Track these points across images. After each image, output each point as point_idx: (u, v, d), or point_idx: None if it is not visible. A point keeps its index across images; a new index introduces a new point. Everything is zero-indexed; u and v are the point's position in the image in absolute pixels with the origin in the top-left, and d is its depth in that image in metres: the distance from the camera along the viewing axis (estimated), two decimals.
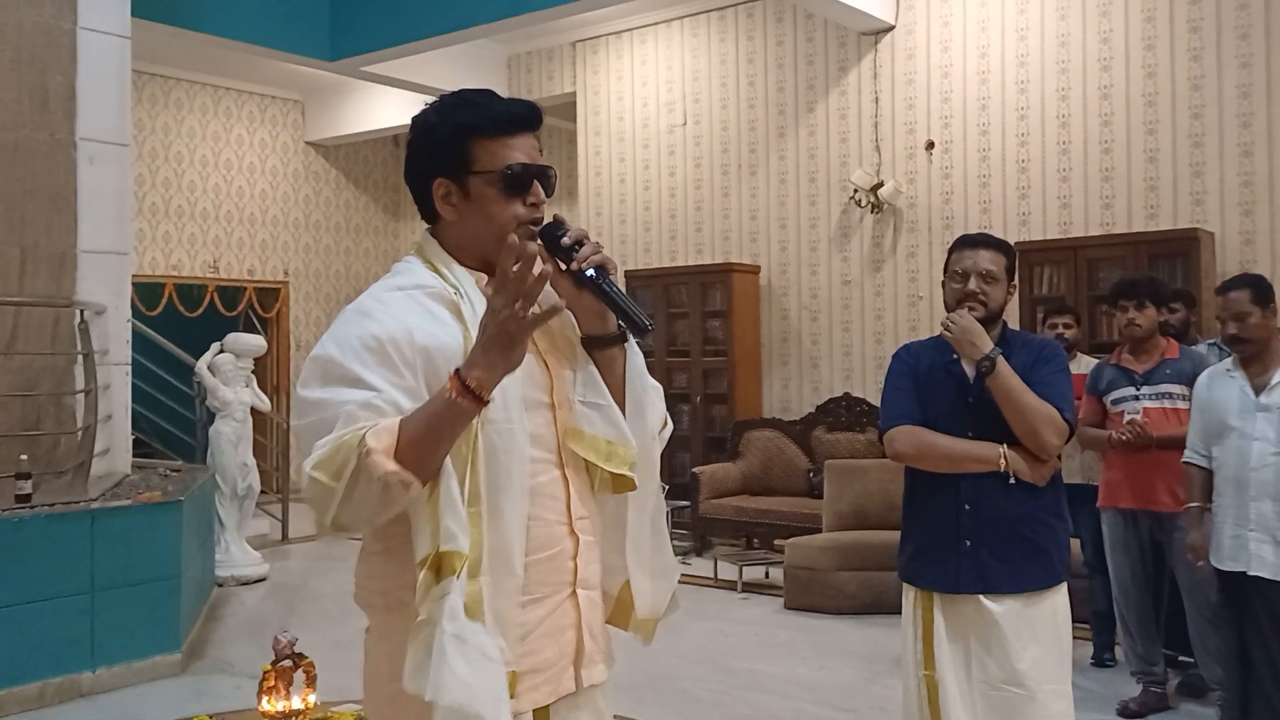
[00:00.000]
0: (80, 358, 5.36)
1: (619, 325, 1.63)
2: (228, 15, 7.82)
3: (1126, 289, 4.44)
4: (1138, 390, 4.31)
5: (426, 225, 1.67)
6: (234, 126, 10.62)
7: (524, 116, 1.60)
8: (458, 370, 1.39)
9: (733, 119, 8.52)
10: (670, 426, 1.79)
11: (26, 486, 4.66)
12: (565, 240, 1.57)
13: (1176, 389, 4.25)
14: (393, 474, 1.37)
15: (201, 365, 7.09)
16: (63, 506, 4.68)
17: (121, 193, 5.86)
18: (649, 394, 1.69)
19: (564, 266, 1.57)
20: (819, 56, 8.07)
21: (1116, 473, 4.35)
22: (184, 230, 10.25)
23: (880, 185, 7.59)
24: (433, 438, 1.39)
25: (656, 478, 1.72)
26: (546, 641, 1.57)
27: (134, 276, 6.49)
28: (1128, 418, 4.25)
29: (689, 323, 8.35)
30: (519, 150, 1.58)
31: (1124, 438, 4.20)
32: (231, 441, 6.89)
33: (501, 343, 1.38)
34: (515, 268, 1.35)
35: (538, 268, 1.37)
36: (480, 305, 1.49)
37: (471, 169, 1.57)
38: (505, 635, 1.48)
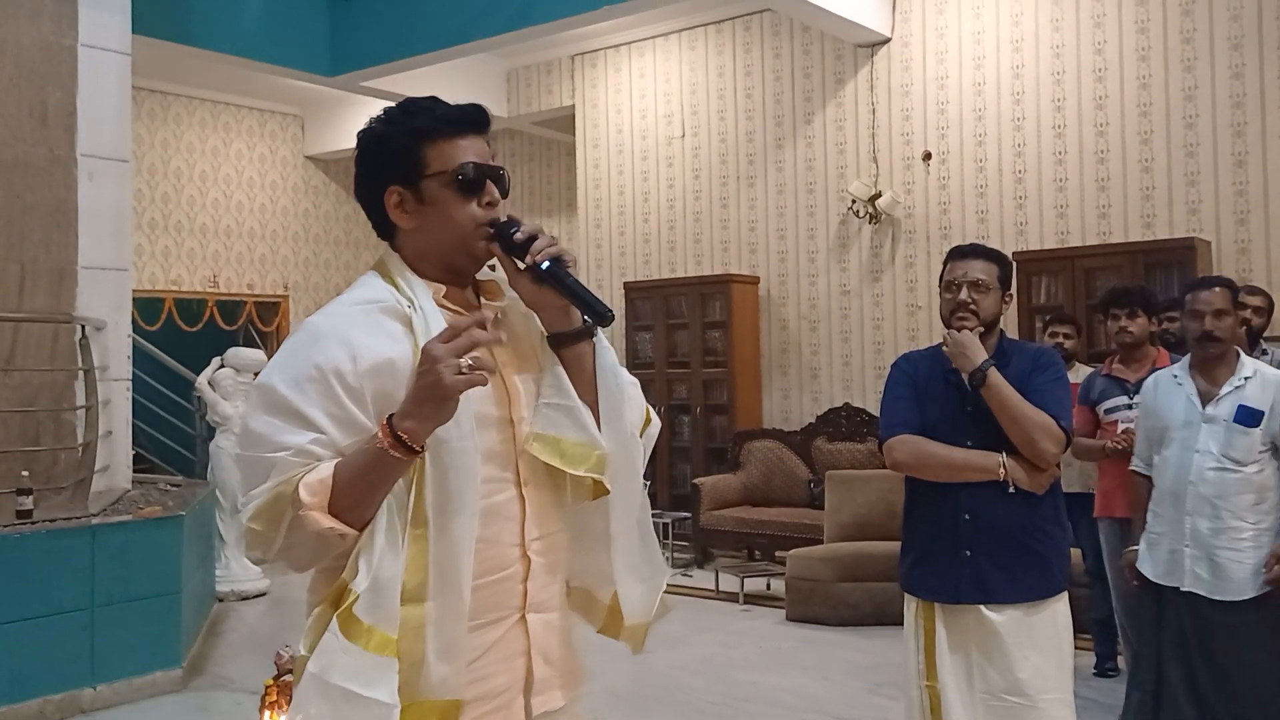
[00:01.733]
0: (80, 373, 5.36)
1: (584, 319, 1.59)
2: (227, 31, 7.86)
3: (1119, 297, 4.49)
4: (1130, 399, 4.33)
5: (386, 240, 1.64)
6: (233, 141, 10.65)
7: (473, 117, 1.59)
8: (390, 418, 1.37)
9: (731, 130, 8.55)
10: (656, 423, 1.73)
11: (27, 502, 4.66)
12: (519, 236, 1.54)
13: None
14: (328, 530, 1.37)
15: (202, 380, 7.10)
16: (63, 522, 4.69)
17: (121, 208, 5.87)
18: (624, 390, 1.63)
19: (521, 265, 1.54)
20: (816, 68, 8.11)
21: (1111, 482, 4.36)
22: (183, 245, 10.27)
23: (878, 195, 7.62)
24: (366, 489, 1.38)
25: (638, 478, 1.66)
26: (495, 668, 1.52)
27: (134, 291, 6.51)
28: (1121, 427, 4.26)
29: (689, 333, 8.36)
30: (470, 151, 1.56)
31: (1118, 447, 4.21)
32: (232, 456, 6.89)
33: (435, 397, 1.35)
34: (468, 326, 1.36)
35: (481, 333, 1.37)
36: (433, 317, 1.49)
37: (425, 172, 1.54)
38: (454, 662, 1.43)
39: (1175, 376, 3.45)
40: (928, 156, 7.54)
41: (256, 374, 7.24)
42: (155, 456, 9.00)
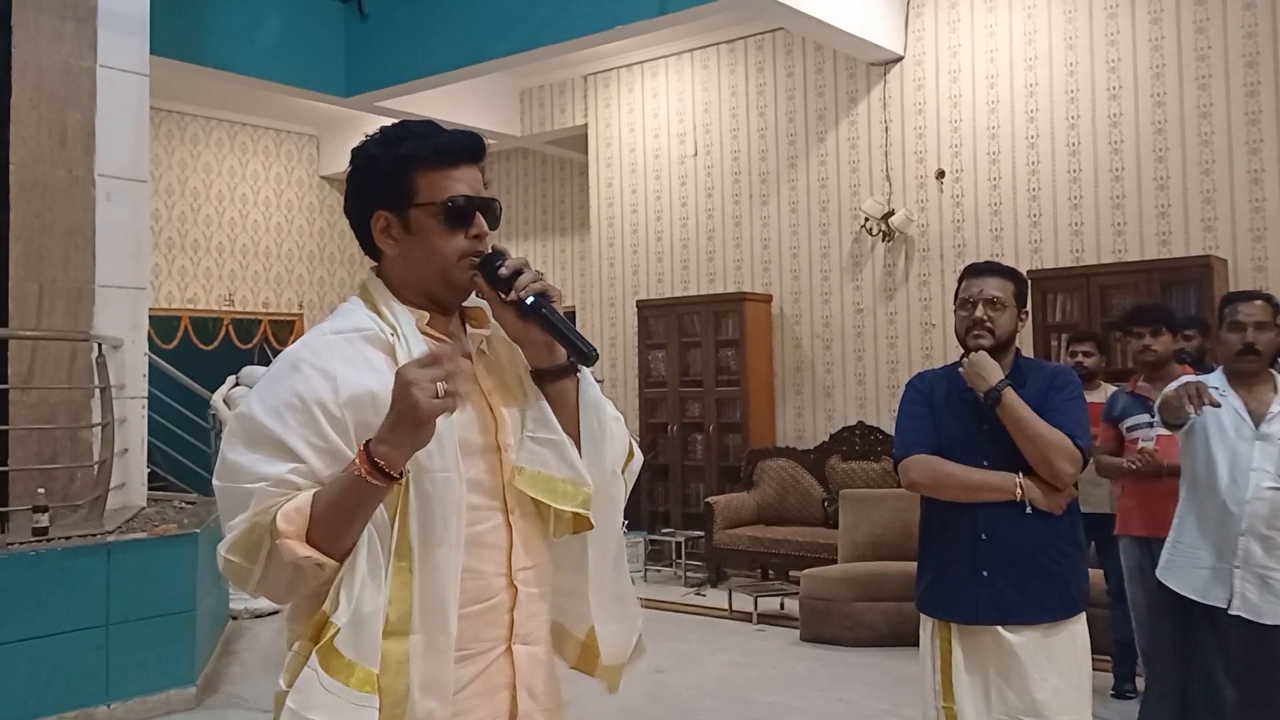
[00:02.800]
0: (97, 391, 5.39)
1: (569, 356, 1.58)
2: (244, 53, 7.94)
3: (1141, 315, 4.44)
4: (1153, 418, 4.29)
5: (374, 260, 1.62)
6: (249, 161, 10.74)
7: (467, 147, 1.56)
8: (367, 444, 1.34)
9: (744, 149, 8.57)
10: (639, 458, 1.70)
11: (43, 520, 4.68)
12: (503, 271, 1.53)
13: None
14: (304, 559, 1.34)
15: (217, 398, 7.14)
16: (79, 540, 4.70)
17: (138, 228, 5.92)
18: (606, 426, 1.61)
19: (504, 297, 1.53)
20: (829, 87, 8.12)
21: (1130, 500, 4.33)
22: (200, 264, 10.34)
23: (891, 214, 7.61)
24: (344, 517, 1.35)
25: (618, 516, 1.64)
26: (478, 701, 1.49)
27: (150, 310, 6.55)
28: (1140, 445, 4.23)
29: (702, 352, 8.36)
30: (462, 182, 1.53)
31: (1134, 466, 4.19)
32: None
33: (410, 421, 1.32)
34: (445, 355, 1.35)
35: (463, 362, 1.36)
36: (416, 346, 1.47)
37: (413, 201, 1.52)
38: (440, 696, 1.41)
39: (1216, 388, 3.25)
40: (941, 174, 7.54)
41: None
42: (170, 474, 9.03)
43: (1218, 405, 3.06)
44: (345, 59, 8.51)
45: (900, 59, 7.72)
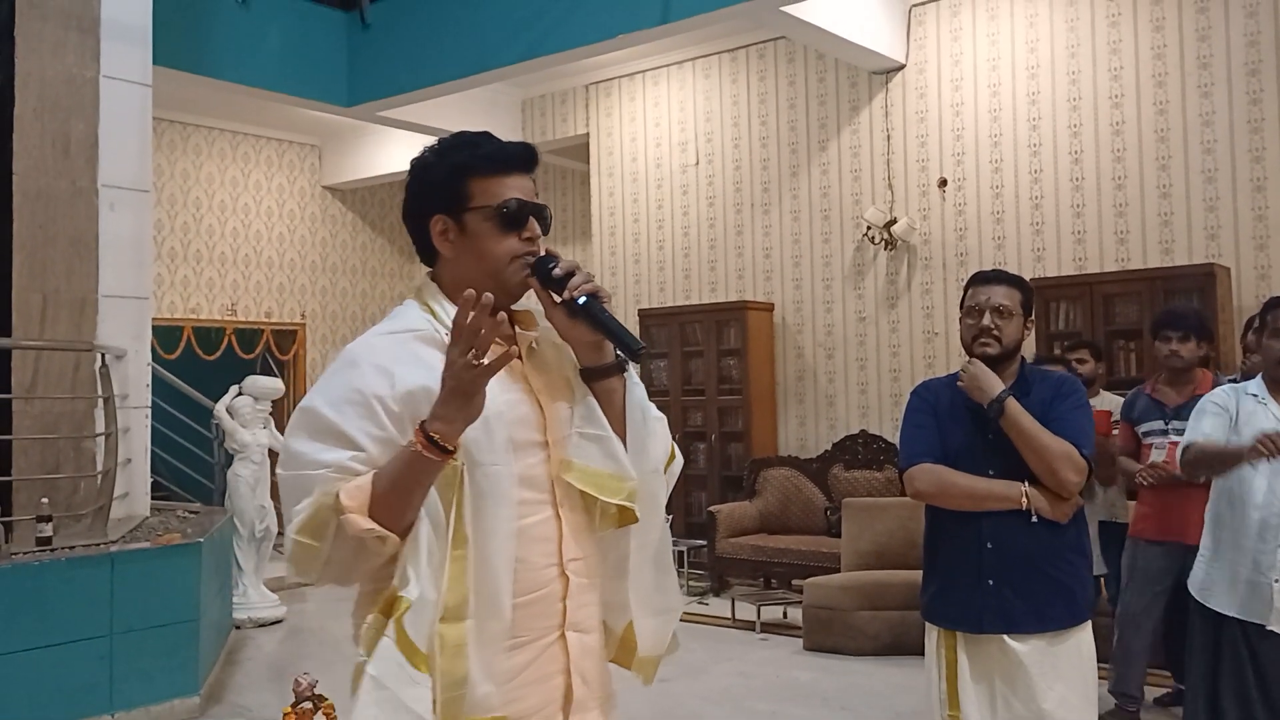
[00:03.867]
0: (100, 401, 5.40)
1: (616, 355, 1.64)
2: (247, 63, 7.96)
3: (1172, 320, 4.41)
4: (1166, 424, 4.30)
5: (427, 269, 1.70)
6: (251, 171, 10.75)
7: (520, 156, 1.65)
8: (422, 423, 1.42)
9: (746, 158, 8.58)
10: (680, 460, 1.77)
11: (47, 530, 4.68)
12: (556, 272, 1.60)
13: None
14: (367, 532, 1.41)
15: (220, 408, 7.13)
16: (82, 549, 4.70)
17: (141, 238, 5.93)
18: (650, 425, 1.68)
19: (557, 299, 1.60)
20: (831, 95, 8.14)
21: (1145, 506, 4.36)
22: (202, 274, 10.35)
23: (894, 222, 7.62)
24: (403, 492, 1.43)
25: (660, 513, 1.70)
26: (531, 689, 1.54)
27: (153, 320, 6.55)
28: (1154, 454, 4.25)
29: (704, 361, 8.35)
30: (514, 188, 1.62)
31: (1148, 481, 4.20)
32: (249, 484, 6.91)
33: (459, 394, 1.41)
34: (469, 318, 1.39)
35: (491, 325, 1.40)
36: None
37: (468, 205, 1.61)
38: (496, 679, 1.48)
39: (1254, 394, 3.22)
40: (943, 183, 7.54)
41: (274, 401, 7.31)
42: (173, 484, 9.03)
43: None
44: (347, 69, 8.53)
45: (902, 67, 7.73)
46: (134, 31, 5.90)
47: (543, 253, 1.62)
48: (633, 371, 1.68)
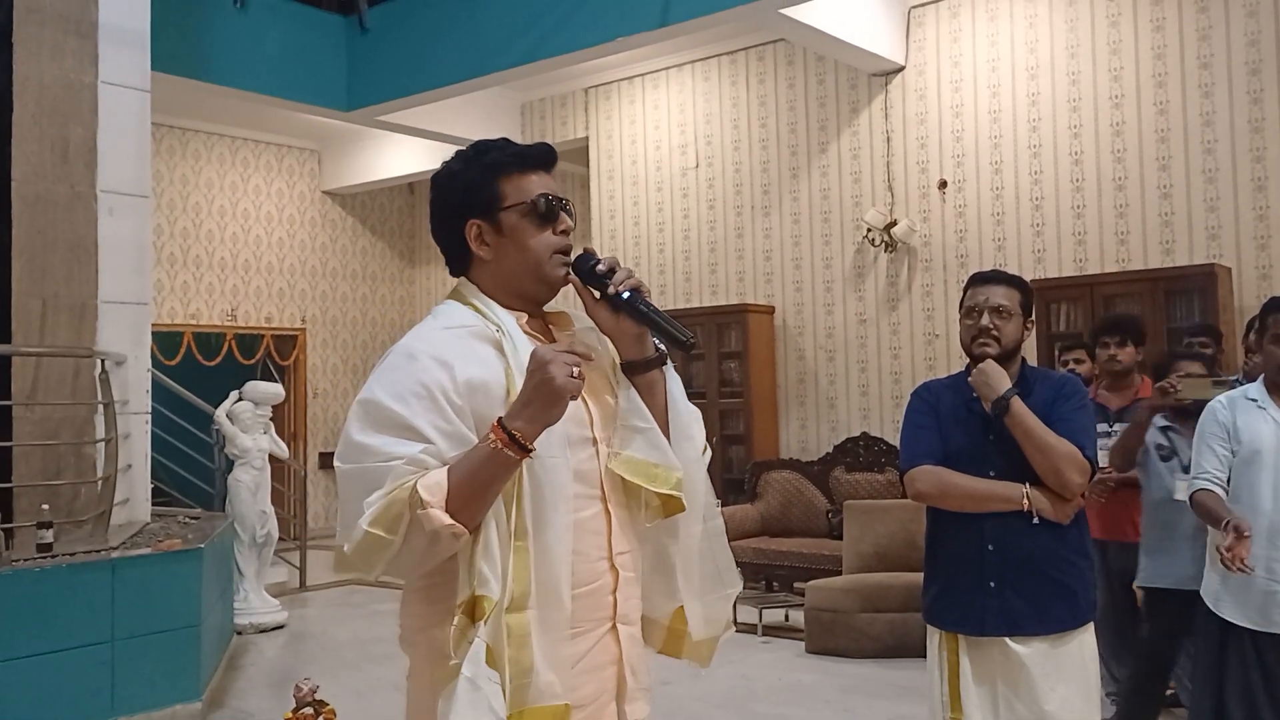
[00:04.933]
0: (100, 407, 5.39)
1: (656, 348, 1.67)
2: (246, 68, 7.96)
3: (1110, 326, 4.57)
4: (1110, 426, 4.37)
5: (459, 276, 1.72)
6: (251, 176, 10.76)
7: (542, 154, 1.70)
8: (500, 420, 1.45)
9: (746, 160, 8.58)
10: (709, 454, 1.79)
11: (48, 536, 4.67)
12: (599, 268, 1.63)
13: None
14: (447, 527, 1.43)
15: (221, 413, 7.12)
16: (84, 556, 4.69)
17: (141, 244, 5.92)
18: (690, 416, 1.73)
19: (598, 295, 1.63)
20: (830, 98, 8.13)
21: (1088, 507, 4.36)
22: (202, 279, 10.35)
23: (894, 224, 7.61)
24: (479, 488, 1.44)
25: (701, 499, 1.73)
26: (586, 678, 1.58)
27: (153, 326, 6.55)
28: (1101, 457, 4.29)
29: (705, 364, 8.34)
30: (542, 185, 1.66)
31: (1100, 497, 4.28)
32: (250, 489, 6.90)
33: (542, 399, 1.44)
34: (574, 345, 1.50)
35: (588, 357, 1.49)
36: (521, 343, 1.57)
37: (502, 205, 1.64)
38: (559, 668, 1.50)
39: (1253, 399, 3.17)
40: (943, 185, 7.53)
41: (274, 407, 7.31)
42: (174, 489, 9.02)
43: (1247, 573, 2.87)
44: (346, 73, 8.53)
45: (902, 69, 7.73)
46: (132, 36, 5.89)
47: (581, 250, 1.66)
48: (670, 366, 1.72)
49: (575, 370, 1.45)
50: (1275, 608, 3.02)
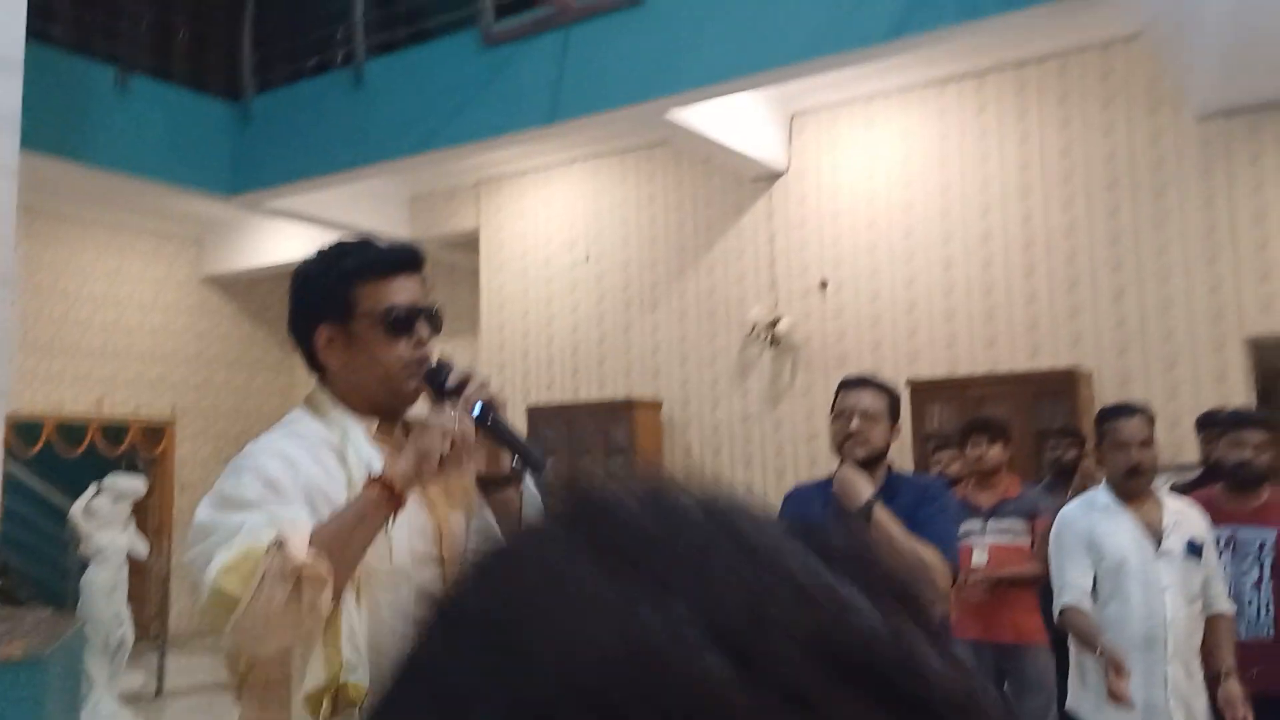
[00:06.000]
0: None
1: (513, 465, 1.60)
2: (125, 150, 7.76)
3: (980, 426, 4.70)
4: (983, 524, 4.47)
5: (316, 377, 1.67)
6: (127, 261, 10.38)
7: (405, 258, 1.63)
8: (375, 475, 1.44)
9: (634, 256, 8.67)
10: None
11: None
12: (450, 382, 1.57)
13: (1019, 525, 4.48)
14: (308, 567, 1.32)
15: (76, 509, 6.73)
16: None
17: (2, 332, 5.62)
18: None
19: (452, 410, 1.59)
20: (716, 198, 8.32)
21: (964, 607, 4.44)
22: (67, 367, 9.87)
23: (777, 322, 7.75)
24: (344, 535, 1.39)
25: None
26: None
27: (12, 415, 6.19)
28: (976, 555, 4.38)
29: (592, 458, 8.27)
30: (401, 292, 1.59)
31: (978, 599, 4.34)
32: (105, 590, 6.50)
33: (424, 452, 1.44)
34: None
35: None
36: (365, 453, 1.53)
37: (354, 312, 1.58)
38: None
39: (1108, 506, 3.15)
40: (824, 285, 7.73)
41: (137, 501, 6.95)
42: (25, 589, 8.45)
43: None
44: (230, 158, 8.39)
45: (784, 174, 7.97)
46: (2, 118, 5.68)
47: (435, 359, 1.59)
48: (529, 482, 1.64)
49: (450, 440, 1.43)
50: (1158, 715, 2.97)
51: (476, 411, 1.54)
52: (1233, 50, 5.49)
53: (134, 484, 6.97)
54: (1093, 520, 3.15)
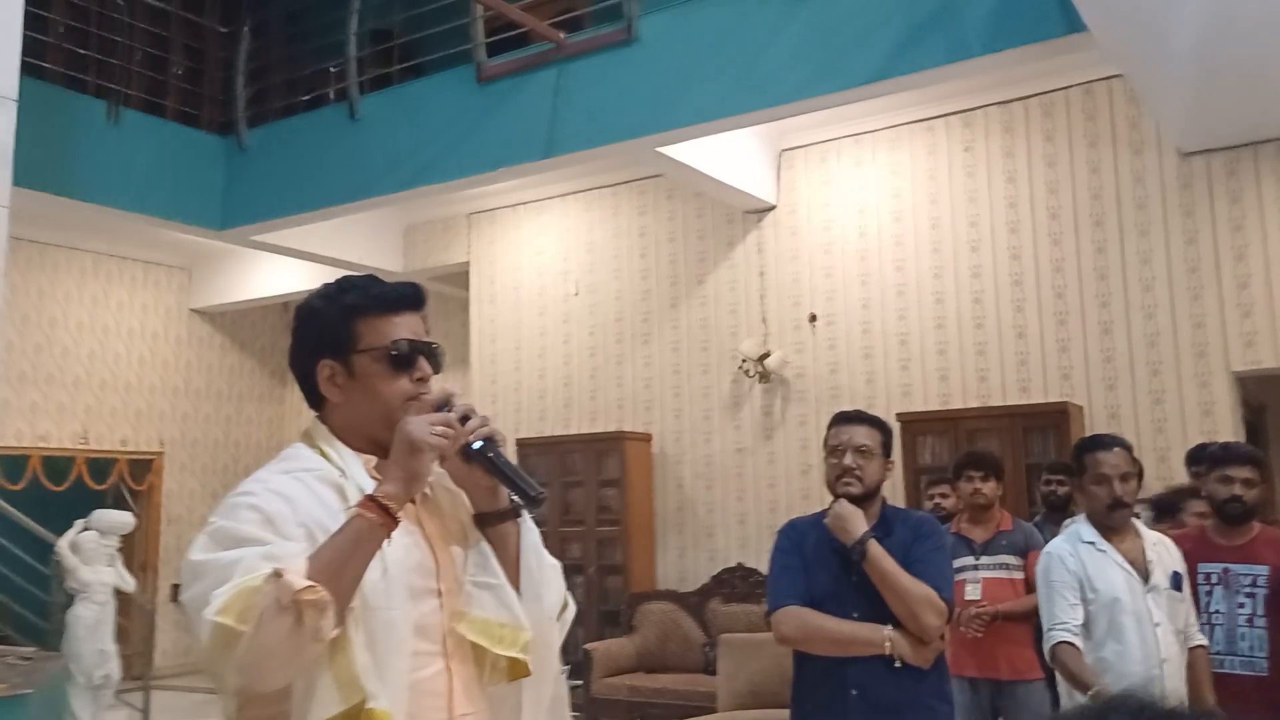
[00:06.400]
0: None
1: (511, 500, 1.61)
2: (115, 185, 7.75)
3: (974, 461, 4.71)
4: (977, 559, 4.47)
5: (315, 413, 1.67)
6: (113, 291, 10.33)
7: (408, 296, 1.65)
8: (368, 494, 1.43)
9: (626, 289, 8.70)
10: (572, 608, 1.73)
11: None
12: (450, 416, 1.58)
13: (1012, 559, 4.49)
14: (307, 591, 1.30)
15: (62, 544, 6.66)
16: None
17: None
18: (545, 572, 1.65)
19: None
20: (708, 231, 8.36)
21: (960, 644, 4.42)
22: (52, 398, 9.79)
23: (768, 355, 7.77)
24: (340, 560, 1.37)
25: (555, 663, 1.66)
26: None
27: None
28: (969, 589, 4.37)
29: (583, 491, 8.25)
30: (404, 328, 1.60)
31: (975, 634, 4.35)
32: (89, 626, 6.43)
33: (405, 451, 1.44)
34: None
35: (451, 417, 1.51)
36: (367, 486, 1.51)
37: (356, 347, 1.59)
38: None
39: (1092, 543, 3.12)
40: (813, 319, 7.75)
41: (124, 535, 6.88)
42: (9, 624, 8.34)
43: None
44: (222, 192, 8.39)
45: (774, 208, 8.01)
46: None
47: (435, 394, 1.60)
48: (527, 517, 1.65)
49: (439, 430, 1.45)
50: None
51: (477, 446, 1.55)
52: (1204, 90, 5.60)
53: (122, 519, 6.91)
54: (1083, 558, 3.11)
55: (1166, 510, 4.29)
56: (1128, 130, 6.81)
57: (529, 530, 1.66)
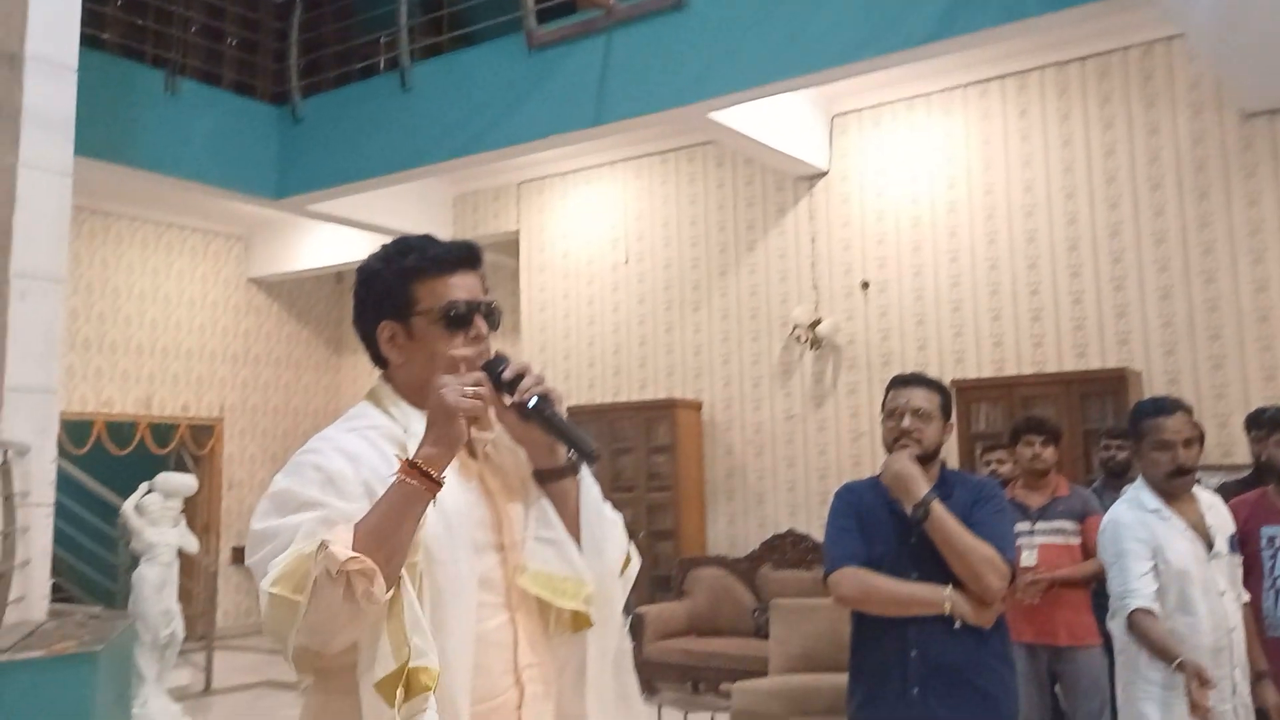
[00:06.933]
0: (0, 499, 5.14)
1: (569, 456, 1.64)
2: (174, 154, 7.88)
3: (1034, 426, 4.61)
4: (1033, 525, 4.42)
5: (380, 371, 1.70)
6: (175, 261, 10.56)
7: (464, 255, 1.66)
8: (407, 459, 1.43)
9: (675, 257, 8.69)
10: (637, 562, 1.74)
11: None
12: (506, 375, 1.60)
13: (1069, 525, 4.43)
14: (352, 561, 1.34)
15: (128, 507, 6.84)
16: None
17: (51, 330, 5.74)
18: (606, 527, 1.67)
19: (508, 401, 1.60)
20: (758, 199, 8.32)
21: (1016, 610, 4.39)
22: (117, 365, 10.05)
23: (819, 322, 7.73)
24: (387, 525, 1.38)
25: (618, 616, 1.68)
26: None
27: (62, 414, 6.32)
28: (1025, 556, 4.33)
29: (633, 458, 8.30)
30: (460, 288, 1.63)
31: (1031, 601, 4.29)
32: (155, 586, 6.60)
33: (438, 421, 1.44)
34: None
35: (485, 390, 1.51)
36: None
37: (414, 309, 1.61)
38: None
39: (1156, 511, 3.04)
40: (865, 285, 7.70)
41: (187, 499, 7.05)
42: (77, 586, 8.60)
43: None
44: (277, 162, 8.50)
45: (826, 174, 7.95)
46: (57, 121, 5.80)
47: (493, 354, 1.63)
48: (586, 473, 1.68)
49: (470, 391, 1.45)
50: None
51: (533, 404, 1.58)
52: (1271, 48, 5.44)
53: (186, 481, 7.08)
54: (1145, 523, 3.04)
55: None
56: (1187, 91, 6.65)
57: (589, 486, 1.68)
